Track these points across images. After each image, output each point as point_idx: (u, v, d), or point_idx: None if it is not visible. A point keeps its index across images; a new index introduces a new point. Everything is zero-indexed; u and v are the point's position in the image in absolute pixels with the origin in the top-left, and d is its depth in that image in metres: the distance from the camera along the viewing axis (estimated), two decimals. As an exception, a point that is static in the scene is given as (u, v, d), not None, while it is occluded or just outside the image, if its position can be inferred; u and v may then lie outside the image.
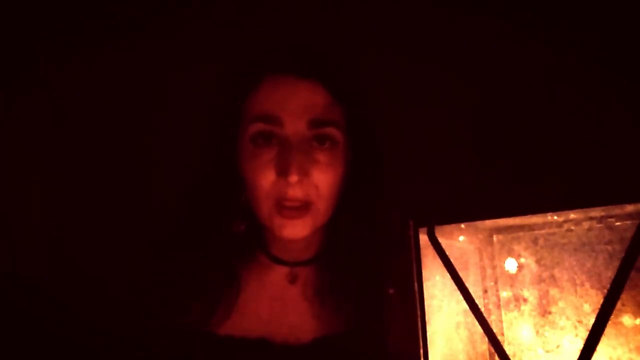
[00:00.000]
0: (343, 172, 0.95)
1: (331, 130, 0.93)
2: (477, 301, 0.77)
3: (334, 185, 0.94)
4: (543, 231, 0.80)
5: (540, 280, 0.79)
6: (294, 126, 0.91)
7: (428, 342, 0.76)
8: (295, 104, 0.91)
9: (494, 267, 0.84)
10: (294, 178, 0.89)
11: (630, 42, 1.14)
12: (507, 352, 0.75)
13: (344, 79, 0.96)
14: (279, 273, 1.00)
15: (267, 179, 0.91)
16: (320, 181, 0.92)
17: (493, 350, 0.78)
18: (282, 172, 0.89)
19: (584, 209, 0.74)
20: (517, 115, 1.20)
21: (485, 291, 0.84)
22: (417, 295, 0.77)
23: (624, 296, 0.70)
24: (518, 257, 0.82)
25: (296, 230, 0.92)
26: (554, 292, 0.78)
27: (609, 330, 0.71)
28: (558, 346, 0.77)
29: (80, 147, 1.42)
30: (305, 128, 0.91)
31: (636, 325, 0.74)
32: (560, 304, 0.78)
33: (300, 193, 0.90)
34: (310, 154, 0.91)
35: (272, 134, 0.92)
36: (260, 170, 0.91)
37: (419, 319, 0.77)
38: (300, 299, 0.99)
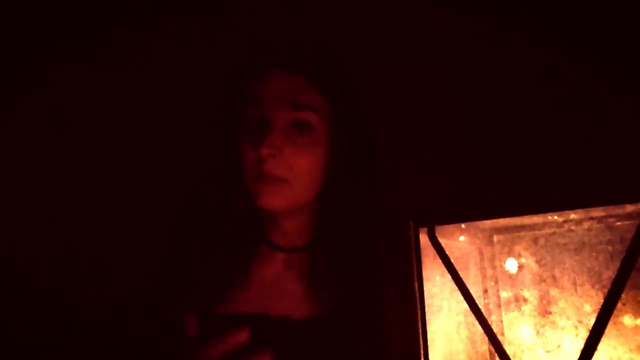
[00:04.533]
0: (322, 156, 1.03)
1: (308, 114, 1.02)
2: (477, 301, 0.77)
3: (309, 168, 1.02)
4: (543, 231, 0.80)
5: (540, 280, 0.79)
6: (275, 108, 1.01)
7: (428, 342, 0.76)
8: (277, 90, 1.02)
9: (494, 267, 0.84)
10: (264, 150, 0.98)
11: (630, 42, 1.14)
12: (508, 352, 0.75)
13: (328, 72, 1.05)
14: (278, 259, 1.08)
15: (250, 156, 1.01)
16: (295, 162, 1.01)
17: (493, 351, 0.78)
18: (256, 146, 0.99)
19: (584, 209, 0.74)
20: (517, 115, 1.20)
21: (486, 291, 0.84)
22: (417, 295, 0.77)
23: (624, 296, 0.70)
24: (518, 257, 0.82)
25: (274, 200, 1.01)
26: (554, 292, 0.78)
27: (609, 330, 0.71)
28: (558, 346, 0.77)
29: (81, 146, 1.42)
30: (284, 110, 1.01)
31: (636, 325, 0.74)
32: (561, 304, 0.78)
33: (274, 170, 1.00)
34: (288, 135, 1.01)
35: (259, 116, 1.02)
36: (247, 147, 1.02)
37: (419, 319, 0.77)
38: (296, 282, 1.06)
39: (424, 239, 0.79)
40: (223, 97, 1.12)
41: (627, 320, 0.74)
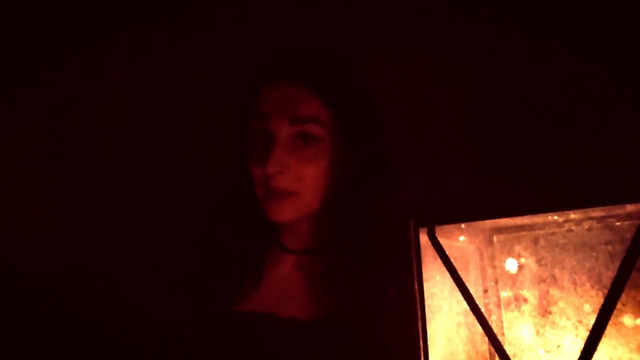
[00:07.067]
0: (330, 164, 1.04)
1: (311, 127, 1.03)
2: (477, 301, 0.77)
3: (317, 179, 1.04)
4: (543, 231, 0.80)
5: (540, 280, 0.79)
6: (278, 123, 1.02)
7: (428, 342, 0.76)
8: (280, 104, 1.03)
9: (494, 267, 0.84)
10: (270, 169, 1.00)
11: (630, 42, 1.14)
12: (508, 352, 0.75)
13: (331, 82, 1.05)
14: (289, 261, 1.10)
15: (257, 172, 1.04)
16: (304, 173, 1.03)
17: (493, 351, 0.78)
18: (262, 163, 1.01)
19: (584, 209, 0.74)
20: (517, 115, 1.20)
21: (486, 291, 0.84)
22: (417, 295, 0.77)
23: (624, 296, 0.70)
24: (518, 257, 0.81)
25: (283, 214, 1.04)
26: (554, 292, 0.78)
27: (609, 330, 0.71)
28: (558, 346, 0.77)
29: (82, 146, 1.42)
30: (287, 125, 1.02)
31: (637, 325, 0.74)
32: (561, 304, 0.78)
33: (282, 184, 1.02)
34: (293, 149, 1.02)
35: (263, 131, 1.03)
36: (254, 162, 1.04)
37: (419, 319, 0.77)
38: (305, 283, 1.07)
39: (424, 239, 0.79)
40: (226, 108, 1.14)
41: (627, 320, 0.74)
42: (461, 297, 0.77)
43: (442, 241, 0.79)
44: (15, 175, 1.41)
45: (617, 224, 0.75)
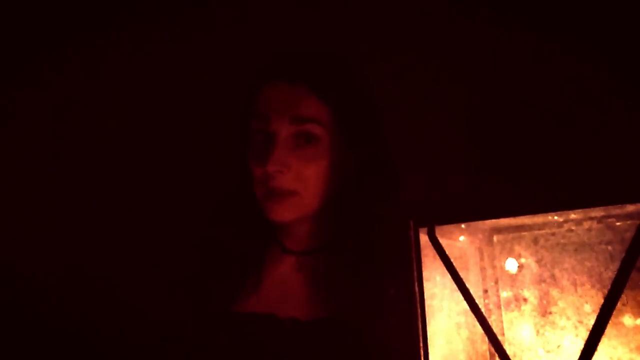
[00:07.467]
0: (330, 164, 1.04)
1: (312, 127, 1.03)
2: (477, 301, 0.77)
3: (318, 178, 1.04)
4: (543, 231, 0.80)
5: (540, 280, 0.79)
6: (278, 123, 1.02)
7: (428, 342, 0.76)
8: (280, 104, 1.03)
9: (494, 267, 0.84)
10: (270, 168, 1.01)
11: (630, 42, 1.14)
12: (508, 352, 0.75)
13: (331, 82, 1.05)
14: (289, 261, 1.10)
15: (257, 172, 1.04)
16: (304, 173, 1.03)
17: (493, 351, 0.78)
18: (262, 163, 1.01)
19: (584, 209, 0.74)
20: (517, 115, 1.20)
21: (486, 291, 0.84)
22: (417, 295, 0.77)
23: (624, 296, 0.70)
24: (518, 257, 0.81)
25: (283, 214, 1.04)
26: (554, 292, 0.78)
27: (609, 330, 0.71)
28: (558, 346, 0.77)
29: (82, 146, 1.42)
30: (287, 124, 1.02)
31: (637, 325, 0.74)
32: (561, 304, 0.78)
33: (283, 183, 1.02)
34: (293, 149, 1.02)
35: (263, 131, 1.03)
36: (254, 162, 1.04)
37: (419, 319, 0.77)
38: (305, 284, 1.07)
39: (424, 239, 0.79)
40: (226, 108, 1.15)
41: (627, 320, 0.74)
42: (461, 297, 0.77)
43: (442, 241, 0.79)
44: (15, 175, 1.40)
45: (617, 224, 0.75)
